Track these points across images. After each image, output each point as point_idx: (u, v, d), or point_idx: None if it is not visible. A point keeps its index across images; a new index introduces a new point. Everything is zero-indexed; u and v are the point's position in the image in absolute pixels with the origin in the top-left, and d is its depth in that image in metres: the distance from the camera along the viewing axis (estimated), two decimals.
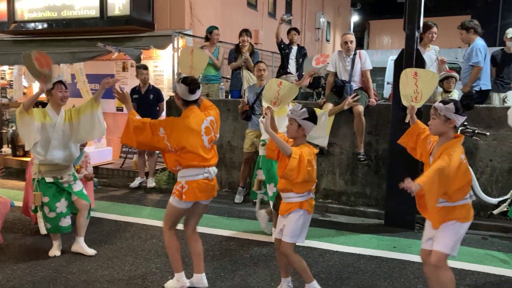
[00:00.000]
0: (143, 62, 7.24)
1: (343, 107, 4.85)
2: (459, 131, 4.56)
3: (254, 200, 5.69)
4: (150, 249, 4.14)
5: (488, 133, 4.58)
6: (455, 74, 5.52)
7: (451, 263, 2.93)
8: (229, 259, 3.91)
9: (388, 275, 3.60)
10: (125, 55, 7.49)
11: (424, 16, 4.95)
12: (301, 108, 2.96)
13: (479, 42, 5.46)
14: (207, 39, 7.07)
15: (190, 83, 3.11)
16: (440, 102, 2.78)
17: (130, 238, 4.46)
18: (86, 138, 4.08)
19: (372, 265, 3.79)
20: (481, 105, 5.10)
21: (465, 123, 4.63)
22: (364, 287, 3.40)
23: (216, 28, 7.07)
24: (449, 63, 8.57)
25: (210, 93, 7.04)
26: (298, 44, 7.46)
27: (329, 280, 3.49)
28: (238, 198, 5.83)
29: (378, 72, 14.31)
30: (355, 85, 5.42)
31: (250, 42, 7.01)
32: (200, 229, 4.55)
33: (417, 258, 3.93)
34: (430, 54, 5.63)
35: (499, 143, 4.95)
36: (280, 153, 2.94)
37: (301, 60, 7.38)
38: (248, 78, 6.65)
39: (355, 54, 5.44)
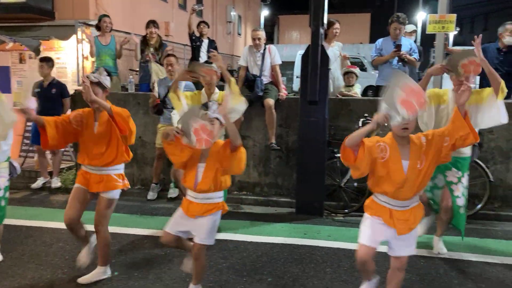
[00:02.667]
0: (43, 54, 6.74)
1: None
2: (360, 122, 4.90)
3: (169, 197, 5.64)
4: (56, 254, 3.90)
5: (386, 124, 4.96)
6: (355, 70, 5.93)
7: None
8: (142, 258, 3.81)
9: (299, 261, 3.77)
10: (22, 45, 6.90)
11: (328, 13, 5.21)
12: (218, 106, 2.92)
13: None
14: (98, 28, 6.74)
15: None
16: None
17: (32, 243, 4.15)
18: None
19: (285, 253, 3.95)
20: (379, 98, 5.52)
21: (366, 115, 4.99)
22: (277, 274, 3.53)
23: (106, 16, 6.77)
24: (352, 57, 9.15)
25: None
26: (208, 38, 7.46)
27: (244, 270, 3.57)
28: (152, 195, 5.70)
29: (288, 66, 14.82)
30: (265, 79, 5.56)
31: (158, 34, 6.84)
32: (111, 228, 4.36)
33: (325, 243, 4.18)
34: (334, 50, 5.94)
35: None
36: None
37: None
38: (157, 71, 6.49)
39: (265, 49, 5.58)
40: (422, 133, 2.69)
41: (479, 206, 4.96)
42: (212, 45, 7.43)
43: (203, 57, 7.26)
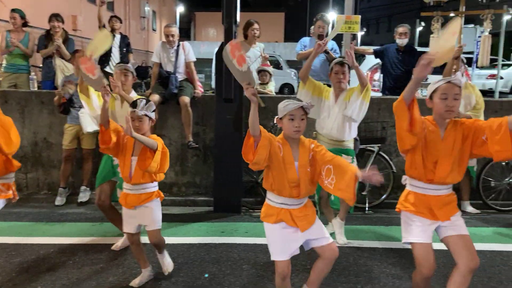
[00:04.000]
0: None
1: None
2: (275, 120, 4.98)
3: (79, 201, 5.32)
4: None
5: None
6: (268, 68, 6.08)
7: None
8: (48, 269, 3.53)
9: (216, 260, 3.75)
10: None
11: (243, 11, 5.23)
12: (146, 102, 3.09)
13: None
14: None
15: None
16: (304, 102, 2.69)
17: None
18: None
19: (202, 253, 3.91)
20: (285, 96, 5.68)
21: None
22: (193, 275, 3.47)
23: (15, 10, 6.26)
24: (270, 56, 9.34)
25: (19, 84, 6.26)
26: (121, 33, 7.18)
27: (159, 274, 3.47)
28: (60, 200, 5.32)
29: (206, 63, 14.77)
30: (180, 76, 5.46)
31: (63, 28, 6.41)
32: (13, 239, 4.05)
33: (242, 240, 4.21)
34: (255, 50, 5.99)
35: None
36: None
37: (125, 49, 7.12)
38: (63, 67, 6.08)
39: (178, 46, 5.48)
40: (312, 141, 2.81)
41: (384, 196, 5.31)
42: (124, 40, 7.15)
43: (115, 53, 6.96)
